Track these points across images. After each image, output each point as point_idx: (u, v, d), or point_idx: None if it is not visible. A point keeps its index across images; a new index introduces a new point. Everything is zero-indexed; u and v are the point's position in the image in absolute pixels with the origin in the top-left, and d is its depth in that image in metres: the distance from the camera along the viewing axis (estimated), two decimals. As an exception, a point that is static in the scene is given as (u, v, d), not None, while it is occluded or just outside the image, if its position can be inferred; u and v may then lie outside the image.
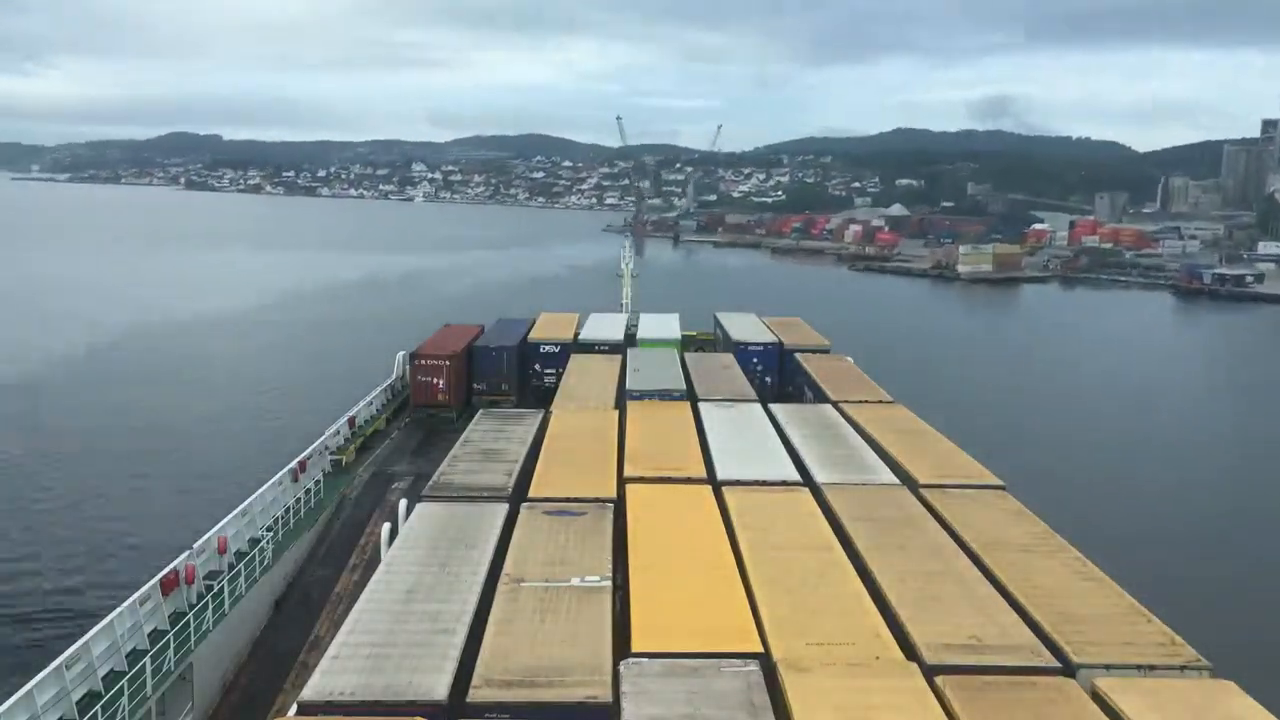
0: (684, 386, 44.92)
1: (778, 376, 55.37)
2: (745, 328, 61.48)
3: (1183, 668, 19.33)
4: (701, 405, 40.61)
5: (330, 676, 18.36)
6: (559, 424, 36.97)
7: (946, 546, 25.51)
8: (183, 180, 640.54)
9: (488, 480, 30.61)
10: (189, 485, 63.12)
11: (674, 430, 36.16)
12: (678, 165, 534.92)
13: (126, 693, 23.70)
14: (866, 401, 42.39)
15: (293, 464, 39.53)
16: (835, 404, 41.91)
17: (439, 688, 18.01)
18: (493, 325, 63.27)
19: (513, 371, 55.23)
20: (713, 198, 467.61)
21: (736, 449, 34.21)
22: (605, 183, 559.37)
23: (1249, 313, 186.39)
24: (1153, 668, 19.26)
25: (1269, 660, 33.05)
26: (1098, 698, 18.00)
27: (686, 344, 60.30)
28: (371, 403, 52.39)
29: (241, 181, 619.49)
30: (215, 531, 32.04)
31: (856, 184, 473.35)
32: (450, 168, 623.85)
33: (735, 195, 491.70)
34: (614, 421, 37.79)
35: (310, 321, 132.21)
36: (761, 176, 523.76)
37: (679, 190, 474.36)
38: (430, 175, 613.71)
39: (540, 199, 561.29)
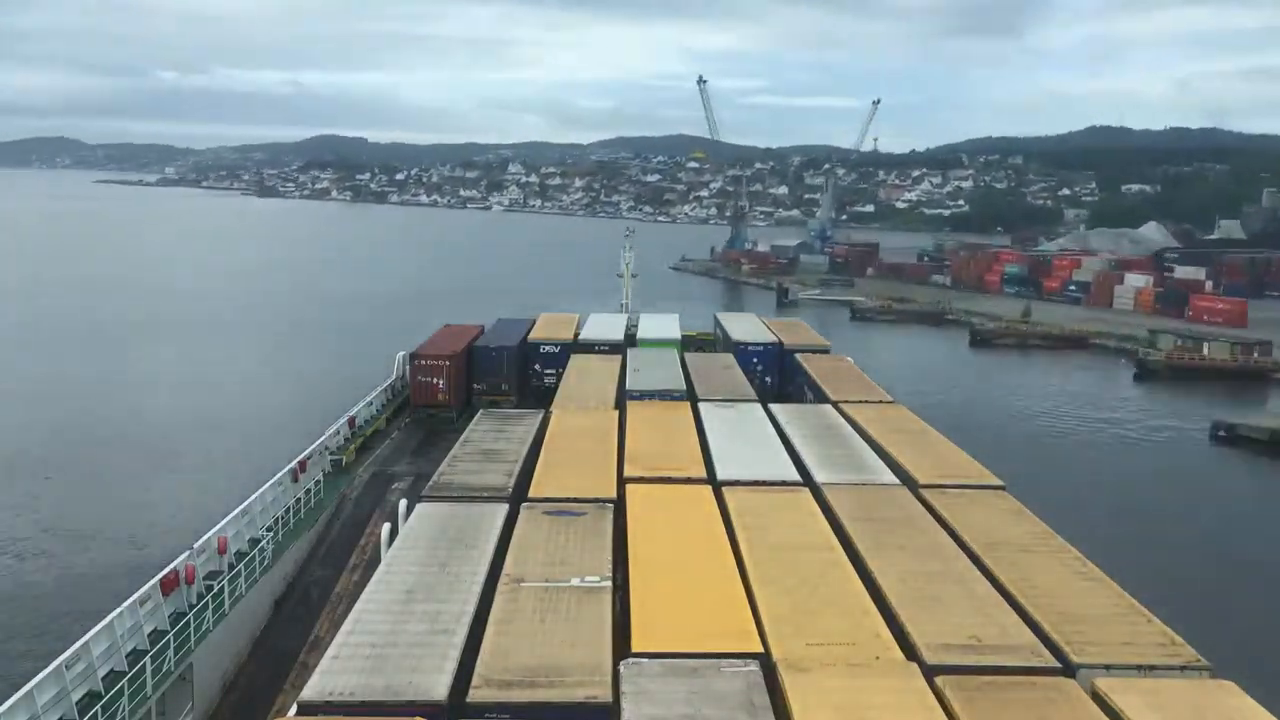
0: (684, 387, 44.94)
1: (778, 376, 55.38)
2: (745, 328, 61.53)
3: (1182, 668, 19.33)
4: (701, 405, 40.61)
5: (330, 676, 18.36)
6: (559, 424, 36.97)
7: (946, 546, 25.51)
8: (254, 186, 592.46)
9: (488, 480, 30.61)
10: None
11: (674, 430, 36.16)
12: (827, 166, 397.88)
13: (126, 693, 23.70)
14: (866, 401, 42.40)
15: (293, 464, 39.54)
16: (835, 404, 41.92)
17: (439, 688, 18.00)
18: (493, 325, 63.29)
19: (513, 371, 55.22)
20: (869, 208, 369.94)
21: (736, 449, 34.21)
22: (730, 188, 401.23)
23: None
24: (1152, 668, 19.25)
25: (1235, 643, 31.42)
26: (1097, 698, 17.99)
27: (686, 344, 60.30)
28: (371, 403, 52.38)
29: (309, 187, 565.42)
30: (215, 532, 32.04)
31: (1065, 190, 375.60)
32: (551, 169, 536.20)
33: (900, 204, 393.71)
34: (614, 422, 37.80)
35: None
36: (935, 180, 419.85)
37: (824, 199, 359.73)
38: (525, 179, 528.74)
39: (647, 208, 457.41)
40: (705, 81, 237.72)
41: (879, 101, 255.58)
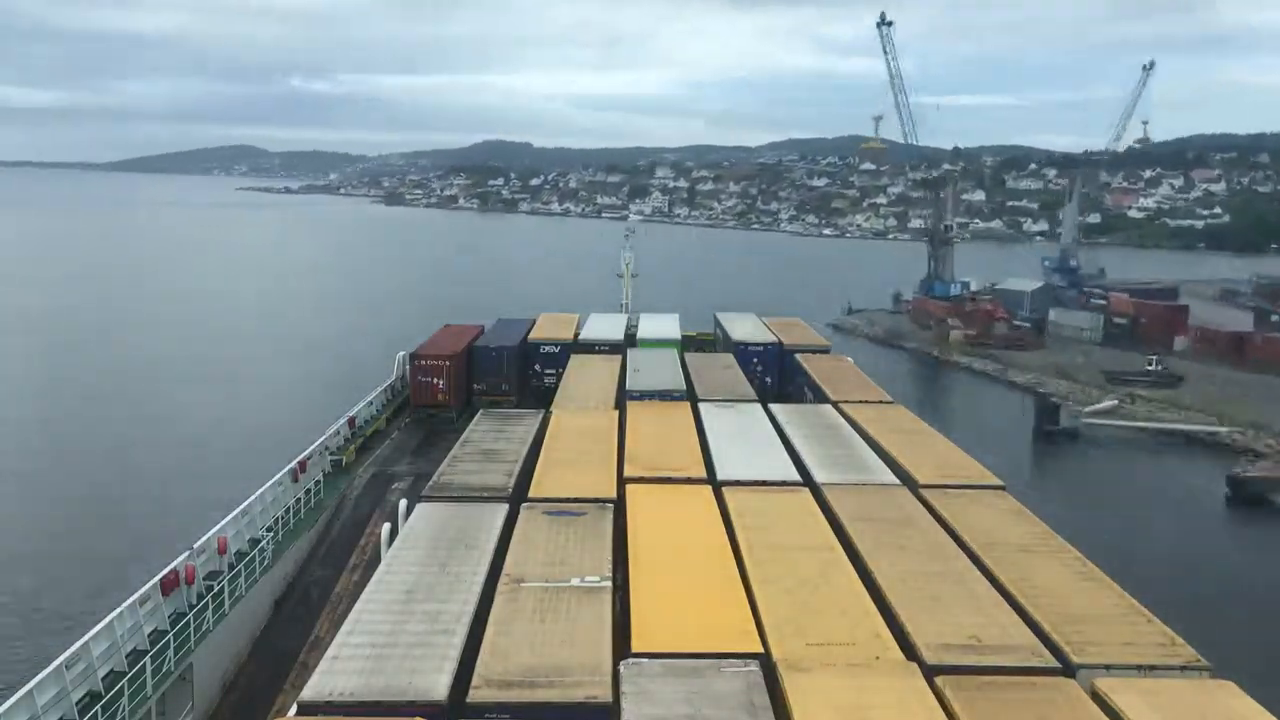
0: (684, 387, 44.92)
1: (778, 376, 55.36)
2: (745, 328, 61.47)
3: (1182, 668, 19.33)
4: (701, 405, 40.60)
5: (330, 677, 18.36)
6: (559, 424, 36.96)
7: (946, 547, 25.51)
8: (384, 193, 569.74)
9: (488, 480, 30.60)
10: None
11: (674, 430, 36.15)
12: (1032, 167, 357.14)
13: (127, 693, 23.70)
14: (866, 402, 42.40)
15: (293, 464, 39.52)
16: (835, 404, 41.91)
17: (439, 688, 18.00)
18: (493, 325, 63.25)
19: (513, 371, 55.19)
20: (1094, 218, 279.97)
21: (736, 449, 34.20)
22: (913, 193, 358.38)
23: None
24: (1152, 668, 19.25)
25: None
26: (1097, 698, 17.99)
27: (686, 344, 60.26)
28: (371, 403, 52.38)
29: (438, 194, 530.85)
30: (215, 532, 32.03)
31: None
32: (704, 173, 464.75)
33: (1134, 213, 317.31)
34: (614, 422, 37.79)
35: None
36: (1175, 182, 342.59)
37: (1035, 208, 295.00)
38: (673, 183, 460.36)
39: (810, 218, 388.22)
40: (890, 23, 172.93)
41: (1151, 67, 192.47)
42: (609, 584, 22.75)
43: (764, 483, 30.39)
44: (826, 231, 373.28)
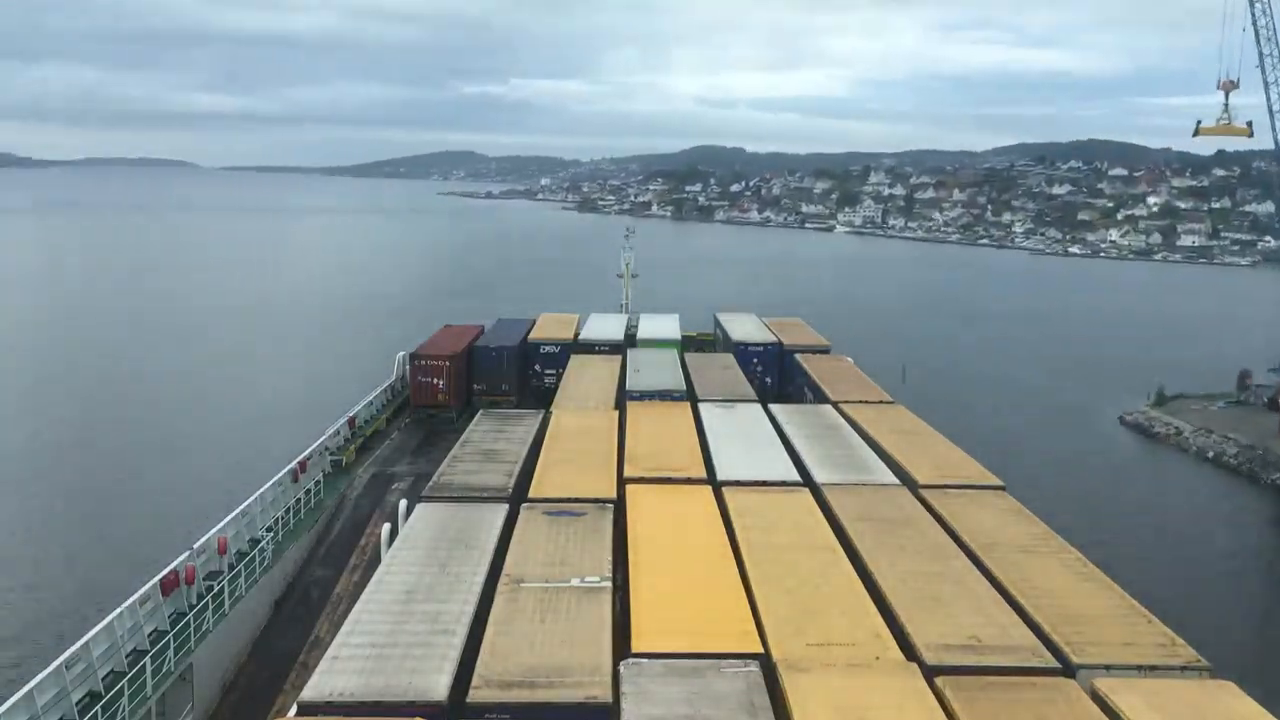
0: (684, 387, 44.93)
1: (777, 377, 55.37)
2: (745, 328, 61.46)
3: (1182, 668, 19.34)
4: (701, 406, 40.61)
5: (330, 677, 18.36)
6: (559, 424, 36.96)
7: (946, 547, 25.51)
8: (574, 198, 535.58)
9: (488, 481, 30.60)
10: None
11: (674, 431, 36.15)
12: None
13: (127, 693, 23.70)
14: (866, 402, 42.39)
15: (293, 464, 39.51)
16: (835, 404, 41.91)
17: (439, 688, 18.01)
18: (493, 325, 63.23)
19: (513, 372, 55.20)
20: None
21: (736, 449, 34.20)
22: (1179, 203, 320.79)
23: None
24: (1152, 668, 19.27)
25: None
26: (1097, 698, 18.00)
27: (686, 344, 60.27)
28: (371, 403, 52.38)
29: (627, 201, 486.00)
30: (215, 532, 32.03)
31: None
32: (925, 179, 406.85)
33: None
34: (614, 422, 37.79)
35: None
36: None
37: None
38: (888, 190, 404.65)
39: (1052, 231, 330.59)
40: None
41: None
42: (609, 584, 22.75)
43: (764, 483, 30.40)
44: (1074, 249, 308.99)
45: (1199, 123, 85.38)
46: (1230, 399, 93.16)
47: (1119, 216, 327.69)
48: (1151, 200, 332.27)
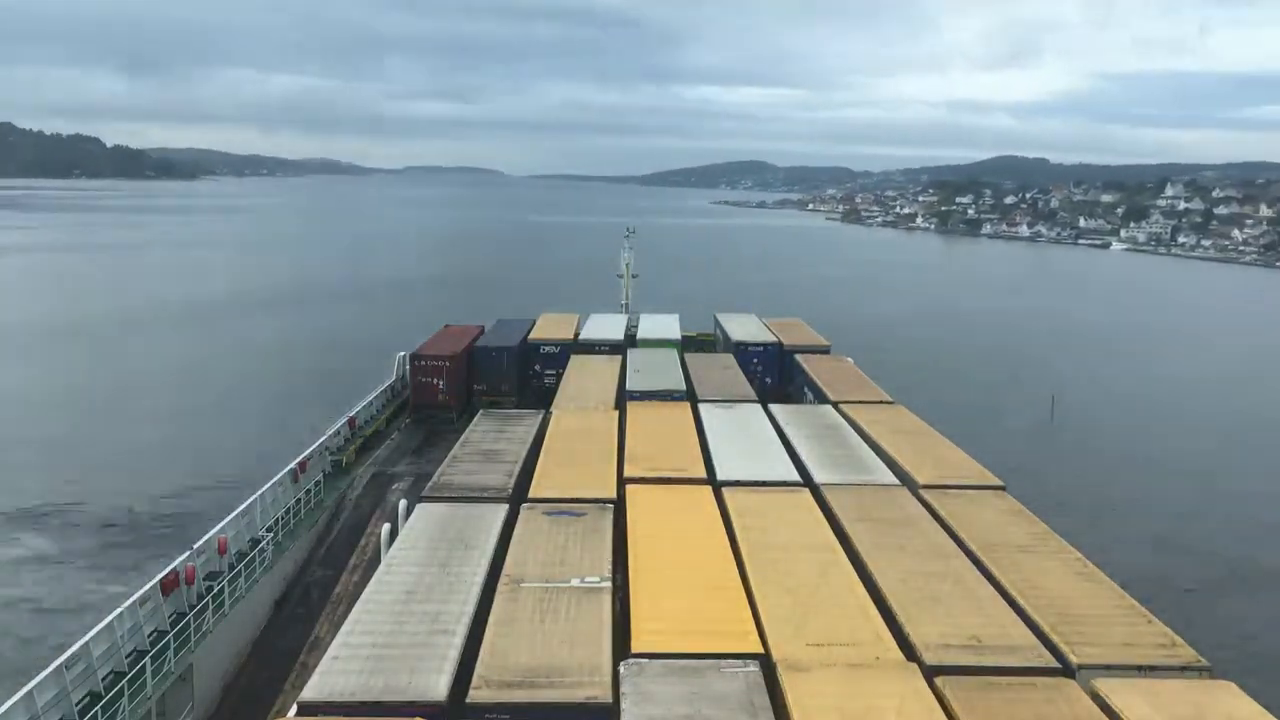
0: (684, 387, 44.94)
1: (777, 377, 55.39)
2: (745, 328, 61.48)
3: (1182, 668, 19.35)
4: (701, 406, 40.61)
5: (330, 677, 18.38)
6: (559, 424, 36.97)
7: (946, 547, 25.52)
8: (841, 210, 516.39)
9: (488, 481, 30.61)
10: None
11: (674, 431, 36.16)
12: None
13: (127, 693, 23.72)
14: (866, 402, 42.40)
15: (293, 464, 39.52)
16: (835, 405, 41.92)
17: (439, 688, 18.02)
18: (493, 326, 63.26)
19: (513, 372, 55.23)
20: None
21: (736, 450, 34.21)
22: None
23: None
24: (1152, 668, 19.28)
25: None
26: (1097, 698, 18.01)
27: (686, 344, 60.26)
28: (371, 403, 52.39)
29: (889, 213, 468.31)
30: (215, 532, 32.05)
31: None
32: (1230, 192, 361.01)
33: None
34: (614, 422, 37.80)
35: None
36: None
37: None
38: (1184, 204, 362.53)
39: None
40: None
41: None
42: (609, 584, 22.76)
43: (764, 483, 30.41)
44: None
45: None
46: None
47: None
48: None
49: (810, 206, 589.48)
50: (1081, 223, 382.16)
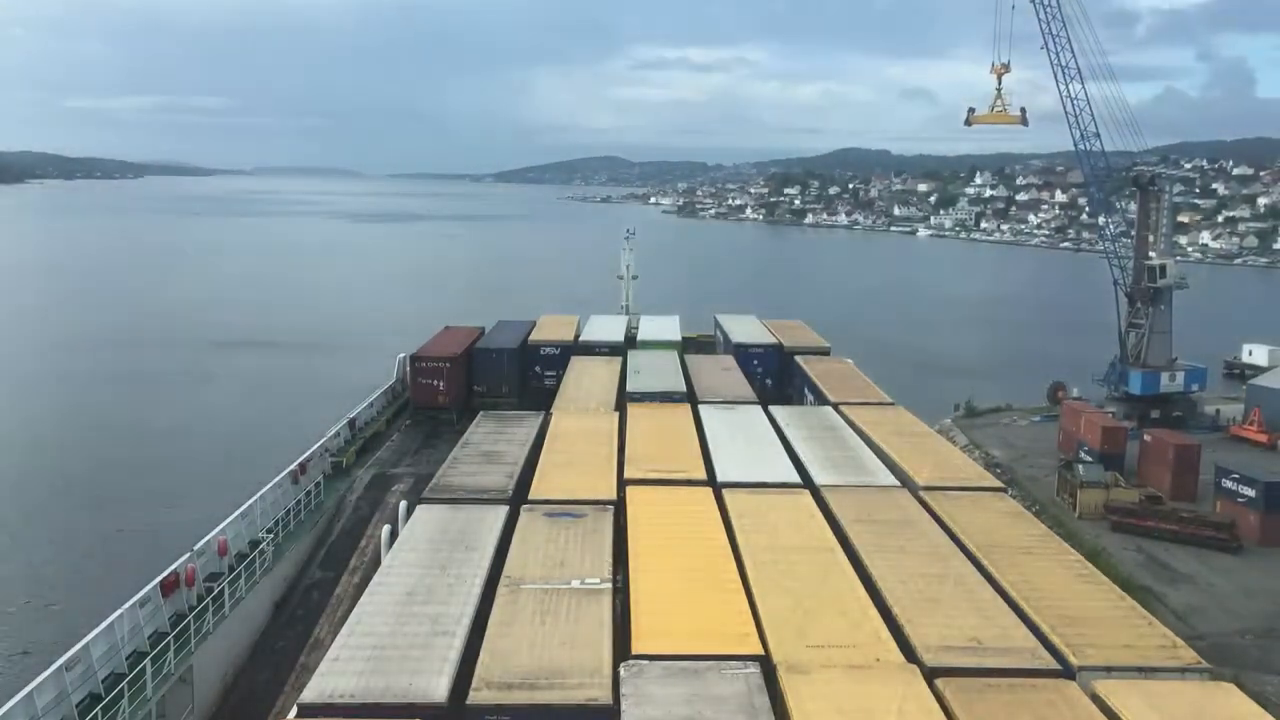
0: (684, 388, 44.92)
1: (778, 378, 55.37)
2: (745, 330, 61.47)
3: (1183, 670, 19.34)
4: (702, 407, 40.60)
5: (330, 678, 18.37)
6: (559, 426, 36.97)
7: (946, 548, 25.51)
8: (679, 203, 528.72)
9: (488, 482, 30.61)
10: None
11: (674, 432, 36.15)
12: None
13: (127, 695, 23.70)
14: (866, 403, 42.37)
15: (293, 466, 39.53)
16: (835, 406, 41.90)
17: (439, 690, 18.02)
18: (493, 327, 63.22)
19: (513, 373, 55.21)
20: None
21: (737, 451, 34.20)
22: None
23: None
24: (1153, 670, 19.26)
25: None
26: (1097, 700, 18.00)
27: (687, 346, 60.28)
28: (371, 405, 52.39)
29: (723, 205, 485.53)
30: (215, 533, 32.06)
31: None
32: (1031, 180, 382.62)
33: None
34: (614, 423, 37.79)
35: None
36: None
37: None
38: (989, 191, 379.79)
39: (1179, 239, 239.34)
40: None
41: None
42: (609, 586, 22.75)
43: (764, 485, 30.39)
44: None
45: (971, 110, 78.94)
46: (1045, 412, 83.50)
47: (1219, 219, 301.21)
48: (1261, 201, 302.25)
49: (652, 200, 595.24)
50: (896, 211, 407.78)
